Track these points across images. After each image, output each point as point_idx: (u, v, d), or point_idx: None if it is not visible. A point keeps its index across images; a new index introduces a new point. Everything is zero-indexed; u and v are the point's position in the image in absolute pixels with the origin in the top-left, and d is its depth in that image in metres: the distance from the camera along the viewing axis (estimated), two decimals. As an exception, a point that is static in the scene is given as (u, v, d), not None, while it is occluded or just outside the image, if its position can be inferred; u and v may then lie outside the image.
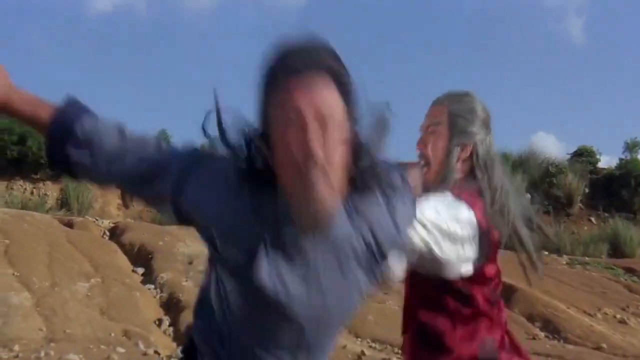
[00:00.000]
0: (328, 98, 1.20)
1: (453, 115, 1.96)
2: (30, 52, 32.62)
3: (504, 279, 1.93)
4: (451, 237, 1.75)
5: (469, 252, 1.80)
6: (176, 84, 33.08)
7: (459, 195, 1.85)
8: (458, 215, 1.78)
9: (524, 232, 1.93)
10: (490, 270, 1.90)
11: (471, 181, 1.94)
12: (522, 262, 1.94)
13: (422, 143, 2.01)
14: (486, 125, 2.00)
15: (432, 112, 2.02)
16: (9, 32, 31.84)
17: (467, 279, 1.85)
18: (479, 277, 1.87)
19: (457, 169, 1.94)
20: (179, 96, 33.12)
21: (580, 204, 17.47)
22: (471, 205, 1.83)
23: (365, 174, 1.29)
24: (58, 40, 33.88)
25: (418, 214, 1.54)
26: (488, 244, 1.84)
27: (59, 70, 32.35)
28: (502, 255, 2.01)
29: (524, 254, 1.93)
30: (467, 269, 1.82)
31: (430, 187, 1.87)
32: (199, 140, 1.43)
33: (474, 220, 1.80)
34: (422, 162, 1.99)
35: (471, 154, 1.96)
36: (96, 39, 34.01)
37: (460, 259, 1.79)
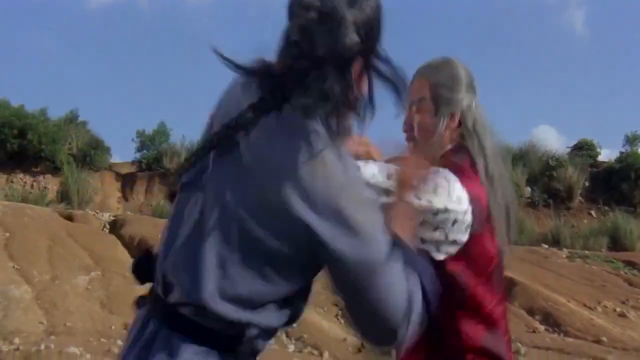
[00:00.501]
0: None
1: (435, 87, 1.86)
2: (30, 46, 32.55)
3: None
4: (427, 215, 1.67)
5: (456, 232, 1.69)
6: (176, 79, 33.05)
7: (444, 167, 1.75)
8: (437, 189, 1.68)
9: (513, 206, 1.83)
10: (487, 244, 1.75)
11: (461, 150, 1.84)
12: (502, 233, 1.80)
13: (407, 124, 1.89)
14: (471, 88, 1.89)
15: (413, 89, 1.89)
16: (9, 28, 31.76)
17: (462, 260, 1.72)
18: (475, 253, 1.73)
19: (446, 141, 1.85)
20: (179, 89, 33.11)
21: (580, 198, 17.47)
22: (459, 175, 1.72)
23: None
24: (58, 33, 33.80)
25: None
26: (480, 214, 1.72)
27: (59, 64, 32.30)
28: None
29: (505, 226, 1.81)
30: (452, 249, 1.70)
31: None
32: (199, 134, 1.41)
33: (462, 194, 1.69)
34: (411, 144, 1.88)
35: (460, 121, 1.86)
36: (96, 32, 33.94)
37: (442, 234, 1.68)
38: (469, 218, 1.69)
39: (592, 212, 17.09)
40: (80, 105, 30.55)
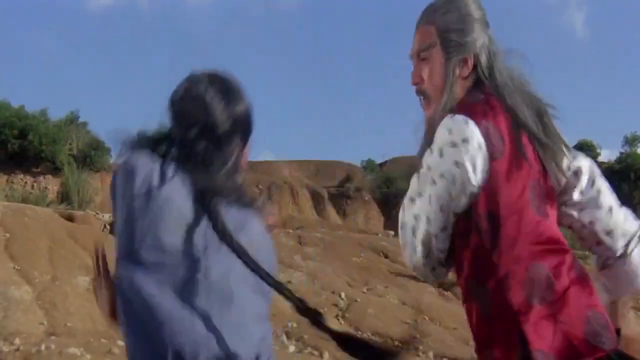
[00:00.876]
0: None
1: (443, 32, 1.68)
2: (30, 46, 32.61)
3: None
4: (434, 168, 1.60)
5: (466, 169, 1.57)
6: (176, 79, 33.10)
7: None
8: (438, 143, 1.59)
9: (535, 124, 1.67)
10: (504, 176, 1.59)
11: (474, 90, 1.68)
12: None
13: (416, 76, 1.73)
14: (484, 24, 1.72)
15: (420, 35, 1.73)
16: (9, 28, 31.84)
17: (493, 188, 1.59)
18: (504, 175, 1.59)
19: (460, 89, 1.68)
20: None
21: (580, 198, 17.46)
22: (466, 113, 1.59)
23: None
24: (58, 33, 33.85)
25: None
26: (497, 142, 1.58)
27: (59, 64, 32.34)
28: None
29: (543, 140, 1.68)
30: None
31: (436, 122, 1.64)
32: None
33: (467, 132, 1.57)
34: (423, 99, 1.74)
35: (474, 64, 1.69)
36: (96, 32, 33.98)
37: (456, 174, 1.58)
38: (484, 151, 1.58)
39: (592, 213, 17.10)
40: (80, 106, 30.61)
